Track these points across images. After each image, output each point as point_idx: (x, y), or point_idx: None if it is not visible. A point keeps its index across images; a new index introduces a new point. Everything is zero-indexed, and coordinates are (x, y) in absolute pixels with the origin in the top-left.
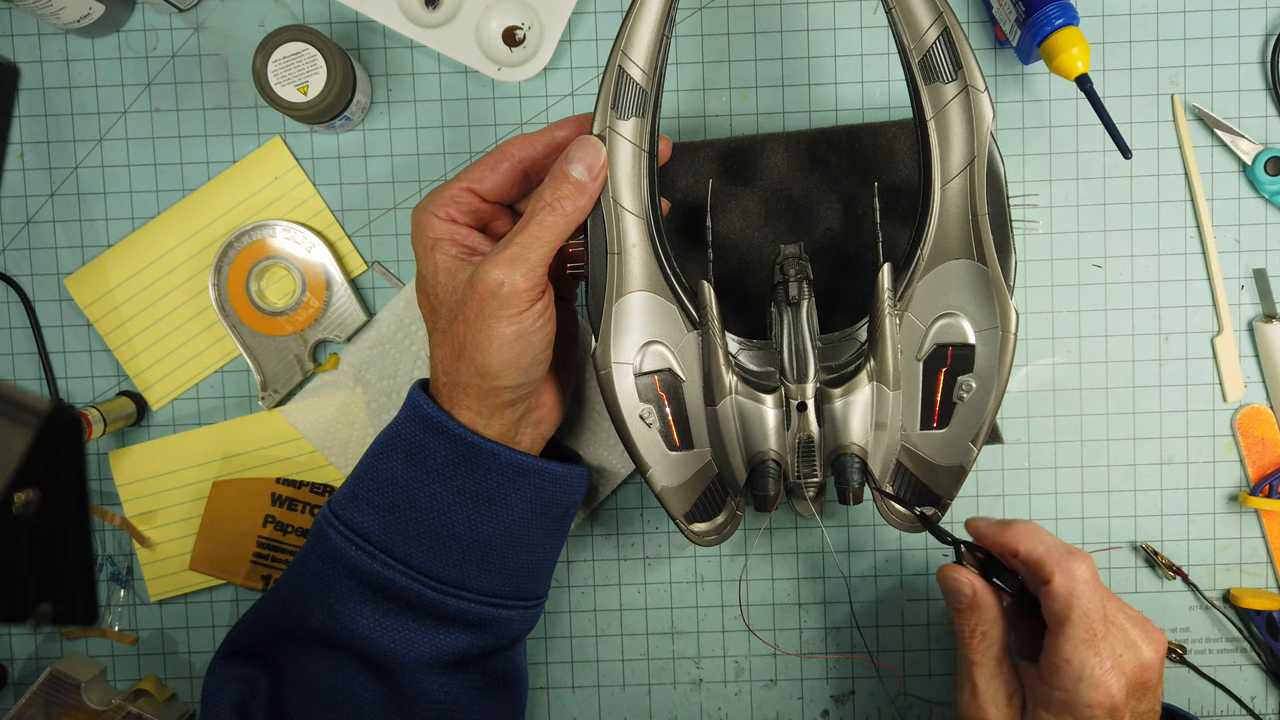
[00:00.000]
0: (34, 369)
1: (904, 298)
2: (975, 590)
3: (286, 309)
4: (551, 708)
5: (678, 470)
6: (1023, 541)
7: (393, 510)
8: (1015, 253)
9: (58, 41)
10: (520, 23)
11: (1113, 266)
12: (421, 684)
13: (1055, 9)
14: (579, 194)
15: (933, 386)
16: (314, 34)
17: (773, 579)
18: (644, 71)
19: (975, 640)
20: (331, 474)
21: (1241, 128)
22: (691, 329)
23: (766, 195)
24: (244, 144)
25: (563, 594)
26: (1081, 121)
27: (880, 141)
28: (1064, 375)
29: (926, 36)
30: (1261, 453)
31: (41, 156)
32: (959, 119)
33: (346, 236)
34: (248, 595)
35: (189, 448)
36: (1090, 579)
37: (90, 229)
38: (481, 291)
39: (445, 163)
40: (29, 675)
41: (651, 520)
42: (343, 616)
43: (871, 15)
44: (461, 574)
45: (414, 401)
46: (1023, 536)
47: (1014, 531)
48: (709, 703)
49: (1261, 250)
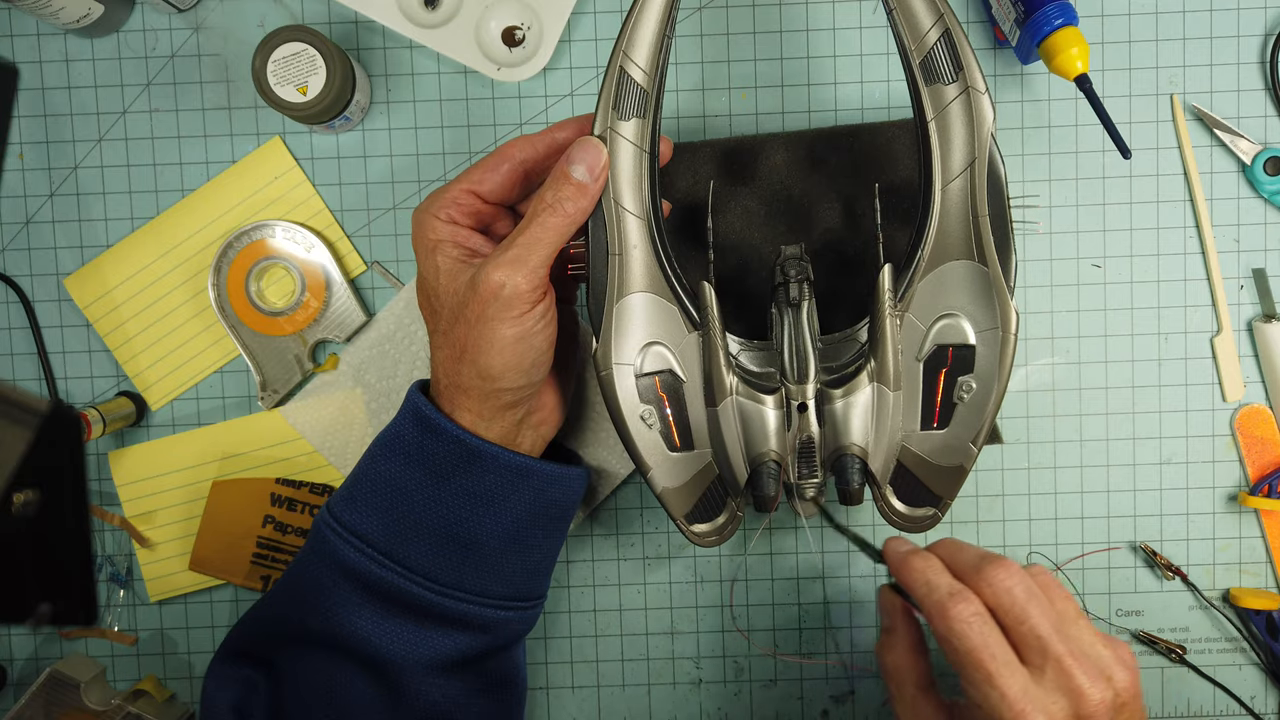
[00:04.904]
0: (33, 369)
1: (904, 298)
2: (890, 619)
3: (286, 309)
4: (551, 708)
5: (678, 471)
6: (907, 580)
7: (391, 512)
8: (1015, 253)
9: (57, 41)
10: (520, 23)
11: (1112, 266)
12: (420, 685)
13: (1055, 9)
14: (580, 195)
15: (933, 387)
16: (313, 34)
17: (772, 579)
18: (645, 72)
19: (888, 672)
20: (331, 474)
21: (1241, 128)
22: (692, 330)
23: (766, 195)
24: (243, 144)
25: (562, 594)
26: (1081, 121)
27: (880, 141)
28: (1064, 375)
29: (928, 38)
30: (1261, 452)
31: (41, 156)
32: (960, 120)
33: (346, 237)
34: (247, 595)
35: (188, 448)
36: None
37: (90, 229)
38: (483, 293)
39: (445, 163)
40: (29, 675)
41: (651, 520)
42: (341, 618)
43: (871, 15)
44: (460, 575)
45: (413, 403)
46: (908, 573)
47: (904, 568)
48: (709, 703)
49: (1261, 250)
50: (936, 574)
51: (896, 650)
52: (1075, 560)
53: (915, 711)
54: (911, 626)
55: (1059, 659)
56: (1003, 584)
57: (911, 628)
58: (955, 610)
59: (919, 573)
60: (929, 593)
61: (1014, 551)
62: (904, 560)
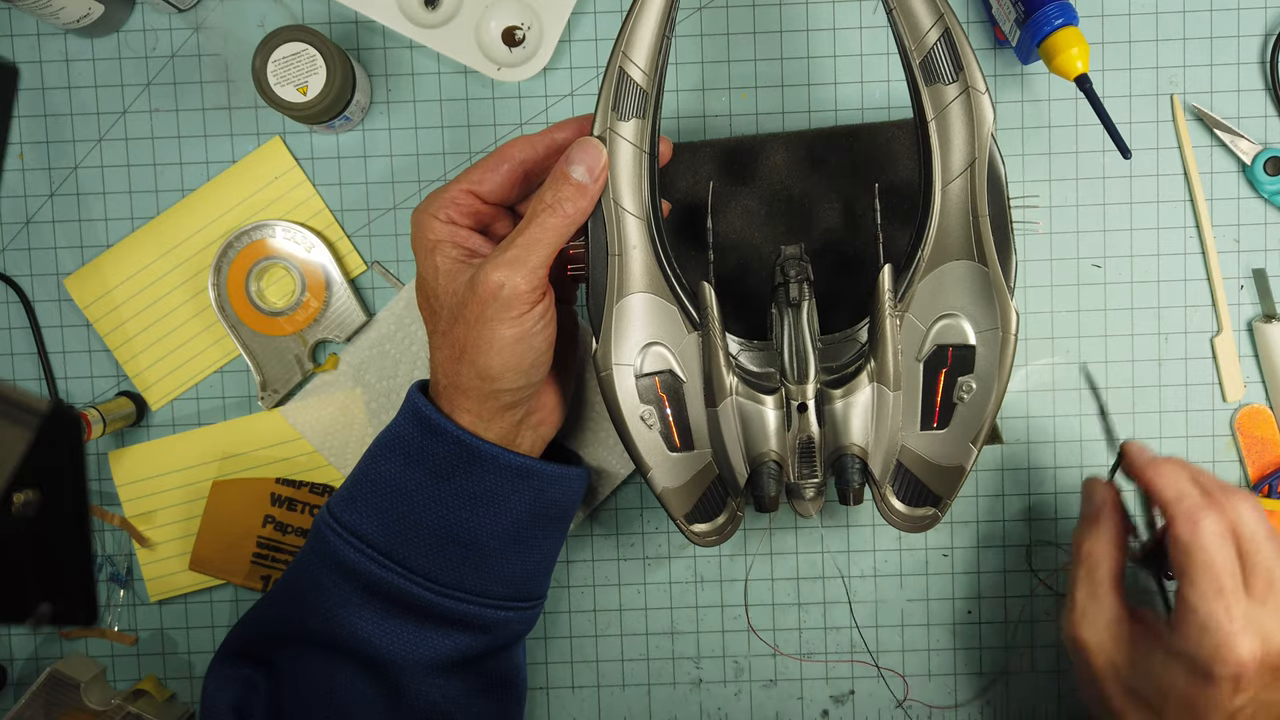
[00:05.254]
0: (33, 369)
1: (904, 299)
2: (1097, 508)
3: (286, 309)
4: (551, 708)
5: (678, 471)
6: (1156, 481)
7: (391, 512)
8: (1015, 253)
9: (57, 41)
10: (520, 23)
11: (1112, 266)
12: (420, 686)
13: (1055, 9)
14: (580, 195)
15: (933, 387)
16: (313, 34)
17: (772, 579)
18: (644, 73)
19: (1081, 553)
20: (331, 474)
21: (1241, 128)
22: (692, 330)
23: (766, 195)
24: (243, 144)
25: (562, 594)
26: (1081, 121)
27: (880, 141)
28: (1064, 375)
29: (928, 38)
30: (1261, 453)
31: (41, 156)
32: (960, 120)
33: (346, 237)
34: (247, 595)
35: (189, 448)
36: (1218, 533)
37: (90, 229)
38: (482, 294)
39: (445, 163)
40: (29, 675)
41: (651, 520)
42: (341, 619)
43: (871, 15)
44: (460, 576)
45: (412, 404)
46: (1159, 475)
47: (1153, 469)
48: (709, 703)
49: (1261, 250)
50: (1189, 484)
51: (1100, 539)
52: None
53: (1098, 600)
54: (1120, 519)
55: None
56: (1249, 513)
57: (1120, 520)
58: (1207, 522)
59: (1171, 477)
60: (1180, 499)
61: (1014, 551)
62: (1155, 462)
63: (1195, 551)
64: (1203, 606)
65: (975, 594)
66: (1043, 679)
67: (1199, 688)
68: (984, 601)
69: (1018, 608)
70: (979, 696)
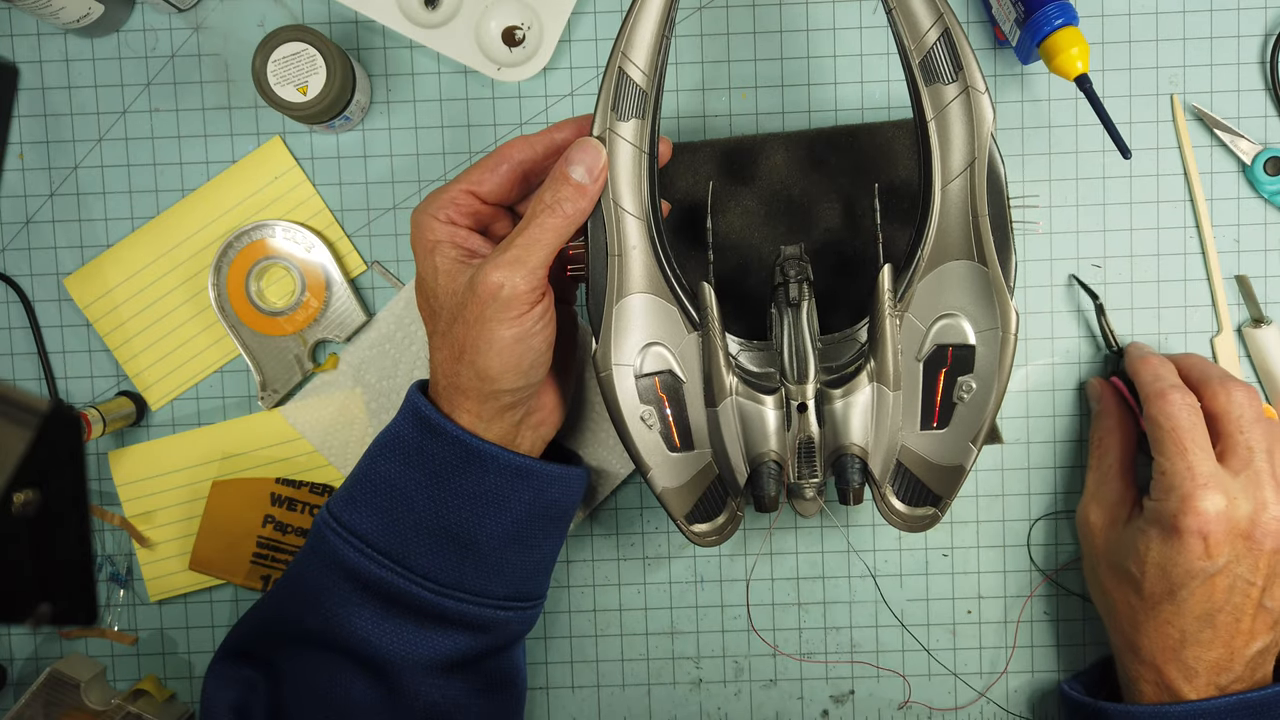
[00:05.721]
0: (33, 369)
1: (904, 298)
2: (1100, 399)
3: (286, 309)
4: (551, 708)
5: (678, 471)
6: (1140, 372)
7: (391, 512)
8: (1015, 253)
9: (57, 41)
10: (520, 23)
11: (1112, 266)
12: (420, 686)
13: (1055, 9)
14: (579, 196)
15: (933, 387)
16: (313, 34)
17: (772, 579)
18: (644, 73)
19: (1093, 444)
20: (331, 474)
21: (1241, 128)
22: (692, 330)
23: (766, 195)
24: (243, 144)
25: (562, 594)
26: (1081, 121)
27: (880, 141)
28: (1064, 375)
29: (927, 37)
30: None
31: (41, 156)
32: (959, 120)
33: (346, 236)
34: (247, 595)
35: (188, 448)
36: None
37: (90, 229)
38: (482, 294)
39: (445, 163)
40: (29, 675)
41: (651, 520)
42: (341, 619)
43: (871, 15)
44: (460, 576)
45: (412, 404)
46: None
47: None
48: (708, 703)
49: (1261, 250)
50: (1168, 370)
51: (1105, 429)
52: (1075, 561)
53: (1106, 484)
54: (1120, 407)
55: (1258, 472)
56: (1240, 398)
57: (1119, 408)
58: (1174, 394)
59: (1151, 366)
60: (1153, 380)
61: (1014, 551)
62: (1144, 356)
63: (1162, 420)
64: (1169, 467)
65: (975, 594)
66: (1043, 679)
67: (1169, 546)
68: (984, 601)
69: (1018, 608)
70: (979, 697)
